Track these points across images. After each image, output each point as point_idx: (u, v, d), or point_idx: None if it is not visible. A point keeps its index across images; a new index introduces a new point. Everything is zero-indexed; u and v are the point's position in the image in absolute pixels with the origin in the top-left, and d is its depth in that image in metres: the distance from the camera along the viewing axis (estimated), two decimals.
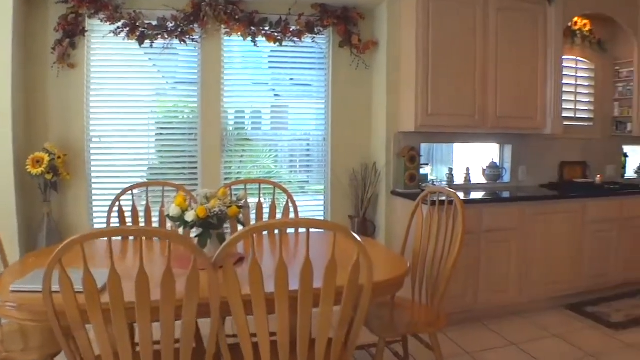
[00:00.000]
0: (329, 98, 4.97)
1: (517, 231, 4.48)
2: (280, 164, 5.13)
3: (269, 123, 5.06)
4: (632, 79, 5.74)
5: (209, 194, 2.70)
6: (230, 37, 4.68)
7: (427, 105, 4.42)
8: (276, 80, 4.96)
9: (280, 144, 5.05)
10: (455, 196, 3.02)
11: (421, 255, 3.18)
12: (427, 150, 5.27)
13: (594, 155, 5.92)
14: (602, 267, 5.00)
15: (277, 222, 1.99)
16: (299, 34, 4.75)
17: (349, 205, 5.01)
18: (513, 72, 4.79)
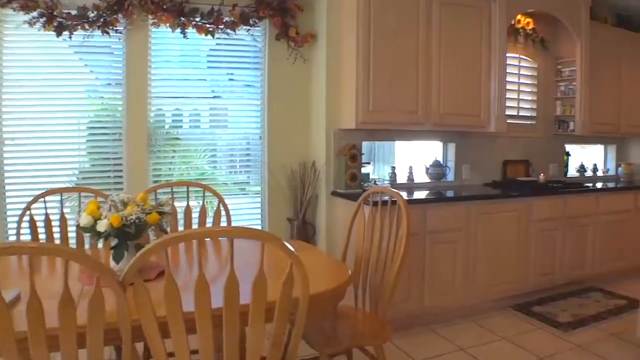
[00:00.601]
0: (264, 94, 4.74)
1: (462, 231, 4.40)
2: (217, 165, 4.87)
3: (203, 121, 4.80)
4: (574, 78, 5.77)
5: (126, 199, 2.43)
6: (158, 28, 4.37)
7: (368, 101, 4.25)
8: (212, 75, 4.71)
9: (216, 143, 4.80)
10: (399, 196, 2.86)
11: (364, 260, 3.02)
12: (369, 149, 5.14)
13: (537, 153, 5.93)
14: (547, 266, 5.00)
15: (195, 232, 1.73)
16: (232, 25, 4.49)
17: (287, 208, 4.80)
18: (457, 69, 4.70)
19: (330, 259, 2.97)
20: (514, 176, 5.65)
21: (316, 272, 2.51)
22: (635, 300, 4.86)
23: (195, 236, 1.72)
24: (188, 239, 1.68)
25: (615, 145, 6.93)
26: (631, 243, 5.68)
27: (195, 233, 1.84)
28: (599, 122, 5.91)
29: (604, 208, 5.42)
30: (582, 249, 5.28)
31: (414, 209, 4.04)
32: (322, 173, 4.61)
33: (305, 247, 3.21)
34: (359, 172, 4.50)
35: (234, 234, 1.69)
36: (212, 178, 4.77)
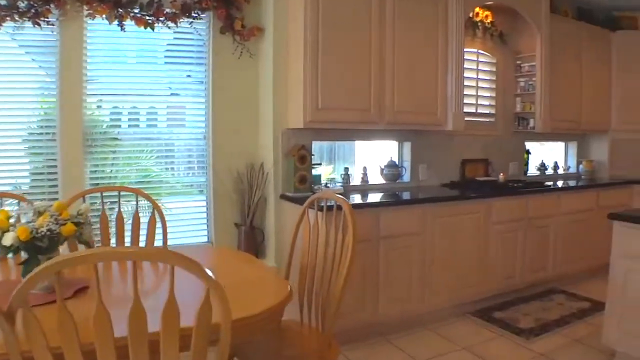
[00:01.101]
0: (209, 91, 4.49)
1: (419, 235, 4.25)
2: (163, 166, 4.58)
3: (146, 120, 4.48)
4: (534, 74, 5.71)
5: (42, 209, 2.19)
6: (93, 20, 4.09)
7: (317, 98, 4.06)
8: (153, 71, 4.40)
9: (161, 143, 4.49)
10: (344, 202, 2.68)
11: (309, 271, 2.84)
12: (329, 149, 4.99)
13: (497, 152, 5.85)
14: (508, 269, 4.92)
15: (96, 253, 1.49)
16: (174, 17, 4.23)
17: (234, 212, 4.57)
18: (412, 65, 4.55)
19: (270, 273, 2.75)
20: (473, 176, 5.54)
21: (251, 289, 2.36)
22: (599, 303, 4.82)
23: (94, 258, 1.47)
24: (83, 261, 1.43)
25: (576, 142, 6.91)
26: (593, 243, 5.62)
27: (96, 255, 1.55)
28: (559, 119, 5.86)
29: (566, 207, 5.36)
30: (543, 250, 5.21)
31: (367, 213, 3.92)
32: (270, 175, 4.41)
33: (245, 258, 3.01)
34: (309, 174, 4.31)
35: (140, 256, 1.47)
36: (158, 180, 4.52)
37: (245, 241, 4.45)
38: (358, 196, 4.45)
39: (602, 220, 5.62)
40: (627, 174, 6.47)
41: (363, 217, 3.87)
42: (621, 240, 3.57)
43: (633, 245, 3.48)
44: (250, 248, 4.44)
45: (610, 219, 3.64)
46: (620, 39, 6.48)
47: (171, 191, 4.55)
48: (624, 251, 3.53)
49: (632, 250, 3.48)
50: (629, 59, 6.46)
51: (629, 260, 3.50)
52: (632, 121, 6.53)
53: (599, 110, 6.44)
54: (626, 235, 3.53)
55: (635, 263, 3.45)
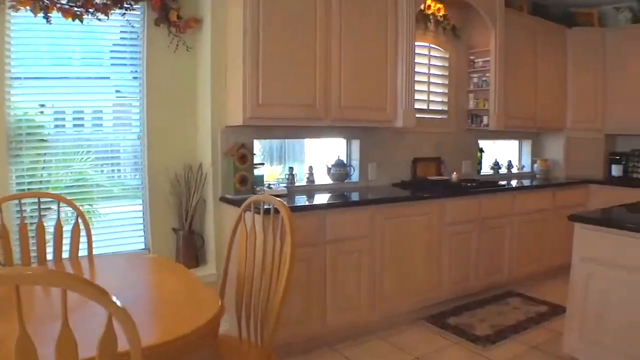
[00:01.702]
0: (144, 87, 4.24)
1: (368, 239, 4.09)
2: (99, 169, 4.25)
3: (79, 120, 4.18)
4: (488, 69, 5.64)
5: None
6: (17, 12, 3.78)
7: (258, 93, 3.86)
8: (84, 67, 4.10)
9: (91, 144, 4.15)
10: (282, 207, 2.50)
11: (247, 281, 2.66)
12: (277, 148, 4.81)
13: (449, 150, 5.77)
14: (462, 272, 4.83)
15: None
16: (104, 8, 3.94)
17: (172, 216, 4.34)
18: (360, 58, 4.39)
19: (200, 286, 2.53)
20: (425, 175, 5.44)
21: (180, 306, 2.18)
22: (557, 306, 4.84)
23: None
24: None
25: (531, 141, 6.91)
26: (548, 243, 5.63)
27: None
28: (514, 116, 5.83)
29: (521, 208, 5.32)
30: (498, 252, 5.15)
31: (312, 215, 3.75)
32: (209, 176, 4.20)
33: (173, 270, 2.80)
34: (250, 174, 4.11)
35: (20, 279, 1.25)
36: (94, 184, 4.21)
37: (184, 247, 4.23)
38: (304, 197, 4.28)
39: (558, 220, 5.68)
40: (582, 173, 6.48)
41: (308, 220, 3.70)
42: (582, 243, 3.47)
43: (594, 248, 3.39)
44: (190, 254, 4.23)
45: (571, 220, 3.54)
46: (575, 36, 6.48)
47: (106, 195, 4.25)
48: (585, 254, 3.44)
49: (594, 254, 3.39)
50: (584, 56, 6.46)
51: (590, 264, 3.40)
52: (587, 119, 6.55)
53: (554, 108, 6.43)
54: (587, 238, 3.44)
55: (597, 267, 3.36)
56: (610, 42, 6.35)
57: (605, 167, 6.59)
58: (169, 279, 2.63)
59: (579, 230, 3.50)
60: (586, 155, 6.62)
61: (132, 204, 4.35)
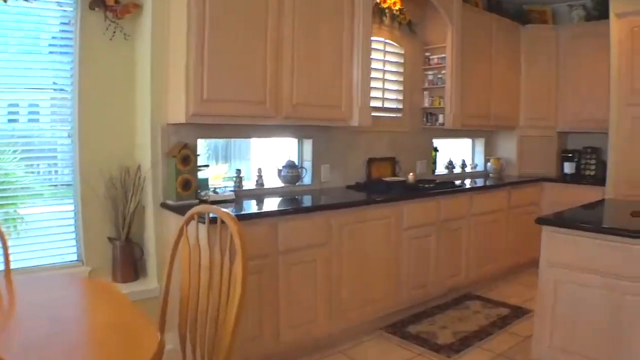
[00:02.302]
0: (75, 78, 3.73)
1: (324, 247, 3.72)
2: (26, 170, 3.70)
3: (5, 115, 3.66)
4: (443, 66, 5.38)
5: None
6: None
7: (202, 88, 3.41)
8: (10, 55, 3.51)
9: (20, 142, 3.58)
10: (230, 220, 2.09)
11: (191, 306, 2.27)
12: (223, 147, 4.40)
13: (404, 150, 5.47)
14: (421, 277, 4.55)
15: None
16: None
17: (108, 224, 3.84)
18: (314, 52, 4.01)
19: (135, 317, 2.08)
20: (380, 176, 5.10)
21: (109, 350, 1.76)
22: (517, 308, 4.69)
23: None
24: None
25: (484, 139, 6.69)
26: (504, 243, 5.47)
27: None
28: (469, 115, 5.59)
29: (478, 208, 5.09)
30: (456, 254, 4.90)
31: (263, 224, 3.35)
32: (148, 180, 3.74)
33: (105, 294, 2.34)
34: (193, 177, 3.67)
35: None
36: (20, 187, 3.66)
37: (121, 258, 3.75)
38: (253, 203, 3.87)
39: (513, 220, 5.56)
40: (535, 171, 6.38)
41: (258, 229, 3.30)
42: (550, 247, 3.24)
43: (563, 252, 3.17)
44: (127, 266, 3.75)
45: (539, 224, 3.29)
46: (529, 33, 6.34)
47: (34, 201, 3.74)
48: (554, 259, 3.22)
49: (563, 258, 3.17)
50: (538, 54, 6.33)
51: (559, 268, 3.19)
52: (540, 117, 6.42)
53: (508, 106, 6.25)
54: (556, 242, 3.21)
55: (566, 272, 3.15)
56: (563, 39, 6.24)
57: (558, 164, 6.47)
58: (99, 308, 2.18)
59: (547, 234, 3.26)
60: (539, 153, 6.49)
61: (63, 211, 3.83)
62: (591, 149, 6.28)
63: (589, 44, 5.99)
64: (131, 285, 3.68)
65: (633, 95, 5.29)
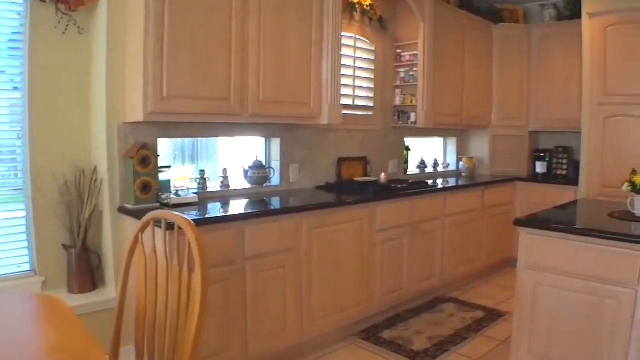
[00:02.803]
0: (25, 74, 3.43)
1: (293, 252, 3.50)
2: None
3: None
4: (415, 64, 5.20)
5: None
6: None
7: (162, 84, 3.14)
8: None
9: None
10: (188, 226, 1.87)
11: (148, 322, 2.05)
12: (190, 146, 4.10)
13: (375, 149, 5.28)
14: (395, 281, 4.36)
15: None
16: None
17: (63, 230, 3.55)
18: (282, 45, 3.77)
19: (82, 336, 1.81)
20: (351, 176, 4.90)
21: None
22: (492, 310, 4.55)
23: None
24: None
25: (456, 138, 6.54)
26: (478, 244, 5.34)
27: None
28: (442, 113, 5.42)
29: (452, 209, 4.93)
30: (430, 256, 4.73)
31: (228, 228, 3.10)
32: (105, 183, 3.46)
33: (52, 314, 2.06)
34: (154, 180, 3.41)
35: None
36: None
37: (77, 267, 3.46)
38: (218, 205, 3.61)
39: (488, 220, 5.47)
40: (507, 170, 6.28)
41: (223, 235, 3.06)
42: (528, 250, 3.07)
43: (542, 255, 3.00)
44: (84, 275, 3.46)
45: (517, 225, 3.11)
46: (501, 32, 6.22)
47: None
48: (532, 262, 3.05)
49: (541, 261, 3.01)
50: (510, 53, 6.23)
51: (538, 272, 3.02)
52: (512, 116, 6.31)
53: (480, 105, 6.11)
54: (535, 244, 3.03)
55: (545, 275, 2.98)
56: (535, 39, 6.15)
57: (530, 164, 6.37)
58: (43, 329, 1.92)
59: (524, 235, 3.09)
60: (511, 152, 6.38)
61: (14, 218, 3.52)
62: (563, 149, 6.18)
63: (560, 44, 5.92)
64: (88, 296, 3.39)
65: (605, 95, 5.19)
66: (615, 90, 5.13)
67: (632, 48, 4.99)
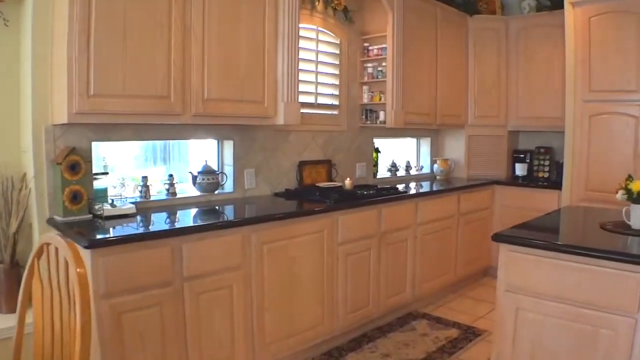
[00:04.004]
0: None
1: (241, 270, 3.23)
2: None
3: None
4: (384, 58, 4.98)
5: None
6: None
7: (89, 81, 2.86)
8: None
9: None
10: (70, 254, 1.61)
11: (45, 352, 1.87)
12: (162, 149, 3.89)
13: (341, 151, 5.05)
14: (360, 298, 4.13)
15: None
16: None
17: None
18: (230, 37, 3.51)
19: None
20: (313, 182, 4.66)
21: None
22: (467, 328, 4.34)
23: None
24: None
25: (430, 139, 6.32)
26: (453, 254, 5.16)
27: None
28: (413, 112, 5.20)
29: (425, 216, 4.72)
30: (400, 269, 4.51)
31: (163, 245, 2.83)
32: (33, 192, 3.18)
33: None
34: (86, 188, 3.14)
35: None
36: None
37: (6, 284, 3.16)
38: (158, 217, 3.33)
39: (464, 227, 5.29)
40: (485, 173, 6.11)
41: (157, 252, 2.79)
42: (509, 269, 2.79)
43: (525, 275, 2.72)
44: (13, 293, 3.16)
45: (496, 241, 2.84)
46: (477, 24, 6.03)
47: None
48: (514, 282, 2.77)
49: (525, 283, 2.72)
50: (486, 46, 6.04)
51: (520, 295, 2.73)
52: (489, 115, 6.11)
53: (455, 102, 5.91)
54: (516, 263, 2.76)
55: (529, 300, 2.70)
56: (513, 31, 5.97)
57: (509, 166, 6.19)
58: None
59: (506, 253, 2.80)
60: (489, 153, 6.19)
61: None
62: (544, 149, 6.01)
63: (541, 36, 5.75)
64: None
65: (590, 91, 5.00)
66: (601, 85, 4.95)
67: (619, 40, 4.81)
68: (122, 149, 3.76)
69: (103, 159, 3.54)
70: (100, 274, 2.55)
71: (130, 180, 3.72)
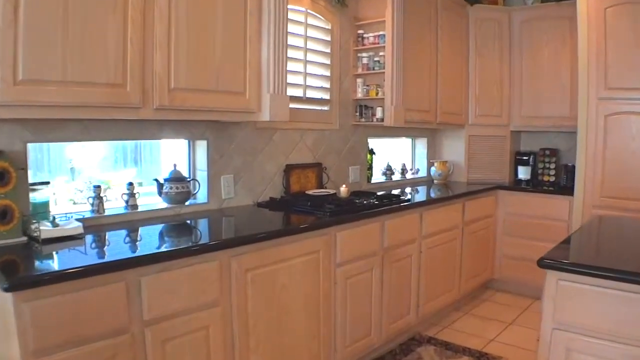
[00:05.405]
0: None
1: (219, 306, 2.51)
2: None
3: None
4: (382, 47, 4.32)
5: None
6: None
7: (16, 64, 2.11)
8: None
9: None
10: None
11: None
12: (134, 149, 3.22)
13: (332, 152, 4.39)
14: (362, 327, 3.48)
15: None
16: None
17: None
18: (204, 12, 2.77)
19: None
20: (302, 189, 3.97)
21: None
22: (481, 355, 3.71)
23: None
24: None
25: (426, 139, 5.68)
26: (458, 267, 4.58)
27: None
28: (413, 108, 4.56)
29: (430, 228, 4.12)
30: (405, 289, 3.91)
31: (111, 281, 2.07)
32: None
33: None
34: (19, 202, 2.39)
35: None
36: None
37: None
38: (112, 238, 2.59)
39: (468, 237, 4.65)
40: (486, 176, 5.53)
41: (107, 291, 2.04)
42: (560, 303, 2.16)
43: (579, 310, 2.11)
44: None
45: (543, 267, 2.20)
46: (477, 15, 5.45)
47: None
48: (565, 320, 2.14)
49: (578, 319, 2.11)
50: (488, 40, 5.43)
51: (572, 334, 2.13)
52: (490, 113, 5.51)
53: (456, 100, 5.31)
54: (571, 296, 2.13)
55: (584, 340, 2.09)
56: (517, 23, 5.40)
57: (512, 169, 5.61)
58: None
59: (554, 283, 2.17)
60: (490, 155, 5.60)
61: None
62: (550, 151, 5.44)
63: (547, 29, 5.20)
64: None
65: (606, 89, 4.43)
66: (618, 82, 4.38)
67: (638, 33, 4.24)
68: (92, 149, 3.06)
69: (70, 161, 2.93)
70: (27, 325, 1.81)
71: (88, 188, 2.99)
